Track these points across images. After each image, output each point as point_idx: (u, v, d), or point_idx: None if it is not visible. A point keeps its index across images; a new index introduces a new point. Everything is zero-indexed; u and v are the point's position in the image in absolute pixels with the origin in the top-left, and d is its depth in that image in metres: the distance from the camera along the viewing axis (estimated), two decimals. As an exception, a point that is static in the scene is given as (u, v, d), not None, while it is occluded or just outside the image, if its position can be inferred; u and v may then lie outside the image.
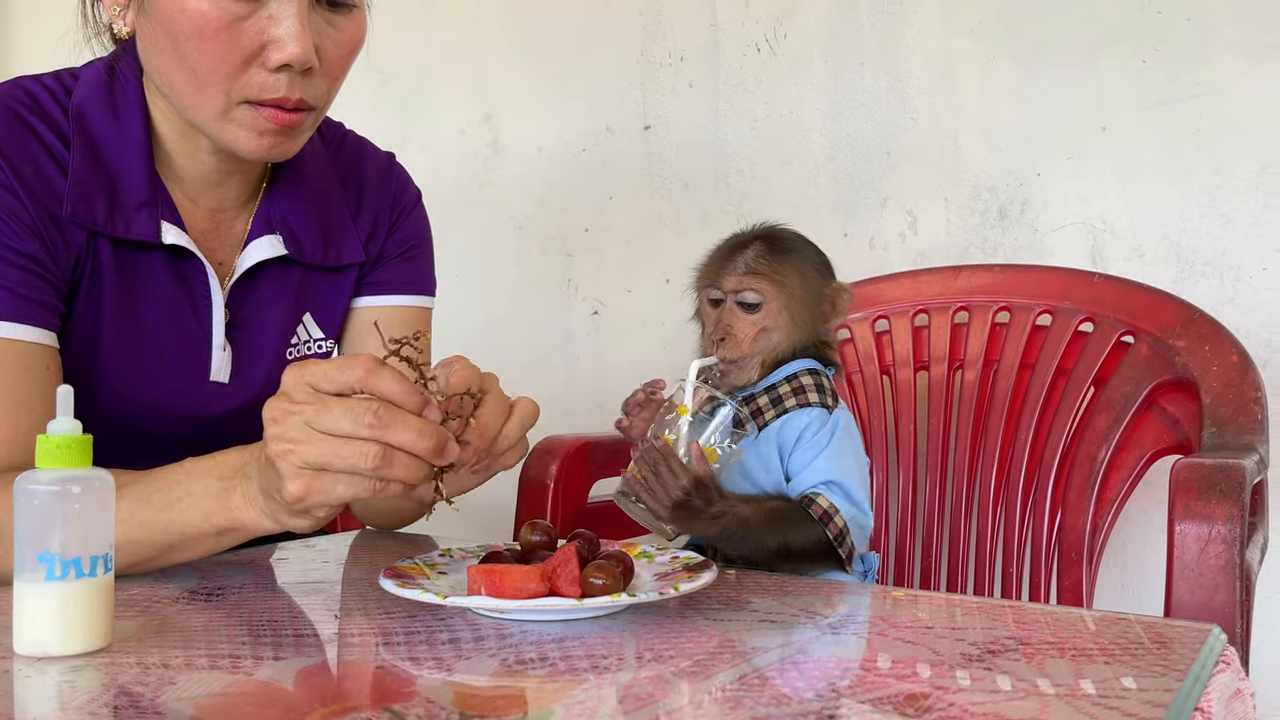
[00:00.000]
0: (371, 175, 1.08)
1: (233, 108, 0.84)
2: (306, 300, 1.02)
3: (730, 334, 0.99)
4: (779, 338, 1.00)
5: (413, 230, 1.11)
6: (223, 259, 0.97)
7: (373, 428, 0.64)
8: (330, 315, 1.04)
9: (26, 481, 0.61)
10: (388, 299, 1.08)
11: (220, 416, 0.98)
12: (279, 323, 1.00)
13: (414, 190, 1.13)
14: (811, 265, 1.03)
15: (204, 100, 0.84)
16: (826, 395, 1.00)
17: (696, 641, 0.66)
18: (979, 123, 1.50)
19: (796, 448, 0.97)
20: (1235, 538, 0.85)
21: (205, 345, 0.95)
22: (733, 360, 0.99)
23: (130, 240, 0.90)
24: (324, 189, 1.03)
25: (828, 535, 0.93)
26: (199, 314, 0.95)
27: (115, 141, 0.90)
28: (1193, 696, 0.56)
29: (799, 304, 1.00)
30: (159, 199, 0.91)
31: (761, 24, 1.65)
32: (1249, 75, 1.33)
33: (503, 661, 0.62)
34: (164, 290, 0.93)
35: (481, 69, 1.92)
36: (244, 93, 0.83)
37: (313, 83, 0.85)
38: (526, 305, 1.88)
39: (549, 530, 0.81)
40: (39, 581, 0.61)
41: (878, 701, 0.54)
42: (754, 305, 0.99)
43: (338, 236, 1.03)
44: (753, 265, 1.00)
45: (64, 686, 0.57)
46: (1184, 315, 1.21)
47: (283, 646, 0.65)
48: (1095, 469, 1.22)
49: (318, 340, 1.04)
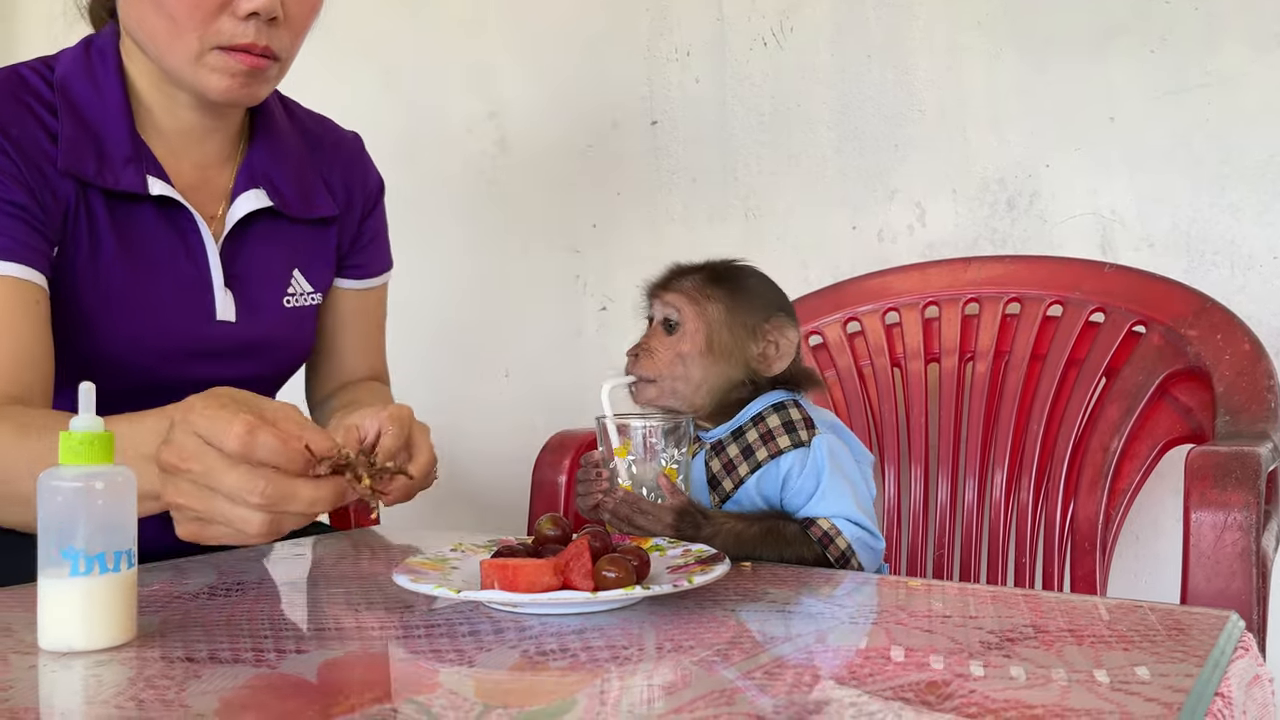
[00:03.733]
0: (342, 148, 1.19)
1: (205, 53, 0.94)
2: (294, 255, 1.11)
3: (646, 350, 0.97)
4: (696, 369, 0.96)
5: (381, 216, 1.24)
6: (212, 213, 1.05)
7: (260, 505, 0.65)
8: (316, 270, 1.13)
9: (50, 478, 0.61)
10: (365, 282, 1.22)
11: (233, 353, 1.05)
12: (273, 272, 1.09)
13: (380, 176, 1.25)
14: (749, 297, 0.98)
15: (180, 45, 0.94)
16: (799, 430, 0.94)
17: (716, 632, 0.66)
18: (987, 114, 1.49)
19: (784, 494, 0.94)
20: (1251, 525, 0.85)
21: (206, 287, 1.03)
22: (647, 379, 0.96)
23: (120, 192, 0.97)
24: (296, 151, 1.12)
25: (828, 557, 0.91)
26: (195, 260, 1.02)
27: (97, 107, 0.99)
28: (1213, 682, 0.56)
29: (719, 333, 0.96)
30: (142, 155, 0.99)
31: (768, 18, 1.65)
32: (1257, 64, 1.33)
33: (523, 653, 0.62)
34: (160, 239, 1.01)
35: (487, 66, 1.92)
36: (216, 38, 0.93)
37: (278, 33, 0.96)
38: (535, 301, 1.88)
39: (565, 524, 0.81)
40: (63, 577, 0.61)
41: (898, 689, 0.54)
42: (673, 325, 0.97)
43: (312, 192, 1.12)
44: (679, 286, 0.98)
45: (89, 681, 0.57)
46: (1195, 304, 1.21)
47: (304, 640, 0.65)
48: (1108, 459, 1.22)
49: (308, 293, 1.13)
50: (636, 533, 0.87)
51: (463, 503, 1.98)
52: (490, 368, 1.93)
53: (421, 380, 2.02)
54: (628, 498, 0.89)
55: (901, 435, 1.38)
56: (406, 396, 2.04)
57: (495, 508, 1.93)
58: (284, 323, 1.10)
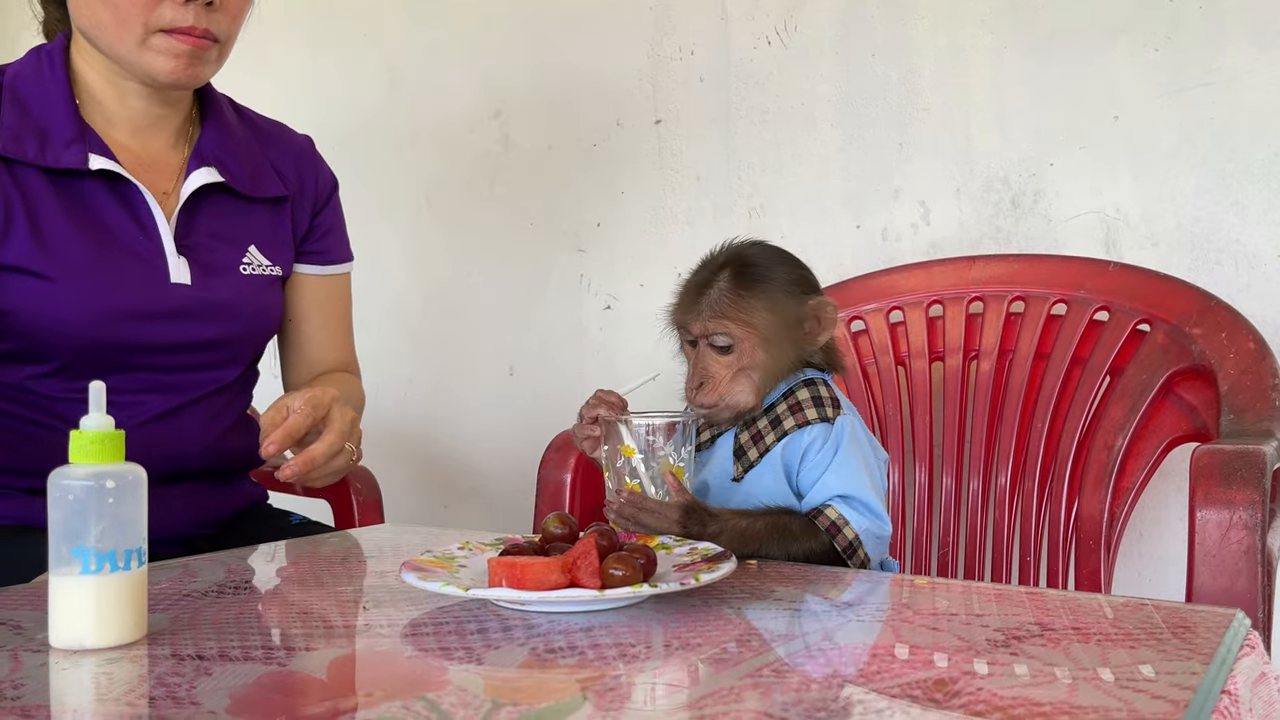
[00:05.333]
0: (292, 145, 1.26)
1: (150, 36, 1.03)
2: (248, 231, 1.18)
3: (708, 378, 0.96)
4: (760, 376, 0.97)
5: (336, 210, 1.30)
6: (166, 189, 1.13)
7: None
8: (272, 247, 1.20)
9: (61, 477, 0.62)
10: (326, 269, 1.28)
11: (192, 314, 1.10)
12: (227, 244, 1.15)
13: (333, 174, 1.31)
14: (783, 290, 0.98)
15: (125, 32, 1.03)
16: (826, 406, 0.96)
17: (723, 630, 0.66)
18: (990, 113, 1.50)
19: (802, 468, 0.95)
20: (1256, 523, 0.85)
21: (158, 253, 1.09)
22: (712, 406, 0.97)
23: (64, 170, 1.04)
24: (245, 139, 1.20)
25: (835, 547, 0.91)
26: (145, 229, 1.09)
27: (42, 100, 1.07)
28: (1219, 679, 0.56)
29: (773, 338, 0.96)
30: (87, 136, 1.06)
31: (771, 16, 1.65)
32: (1261, 63, 1.33)
33: (531, 651, 0.62)
34: (110, 211, 1.07)
35: (491, 66, 1.92)
36: (158, 22, 1.03)
37: (216, 17, 1.05)
38: (539, 300, 1.88)
39: (572, 523, 0.81)
40: (74, 575, 0.61)
41: (906, 686, 0.55)
42: (726, 348, 0.96)
43: (262, 174, 1.19)
44: (717, 307, 0.96)
45: (100, 678, 0.57)
46: (1200, 303, 1.21)
47: (313, 638, 0.65)
48: (1112, 458, 1.22)
49: (266, 266, 1.19)
50: (643, 531, 0.88)
51: (467, 500, 1.98)
52: (494, 366, 1.93)
53: (425, 378, 2.03)
54: (633, 497, 0.89)
55: (906, 434, 1.38)
56: (409, 394, 2.05)
57: (499, 505, 1.93)
58: (244, 288, 1.15)
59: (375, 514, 1.35)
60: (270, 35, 2.16)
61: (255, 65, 2.18)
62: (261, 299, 1.18)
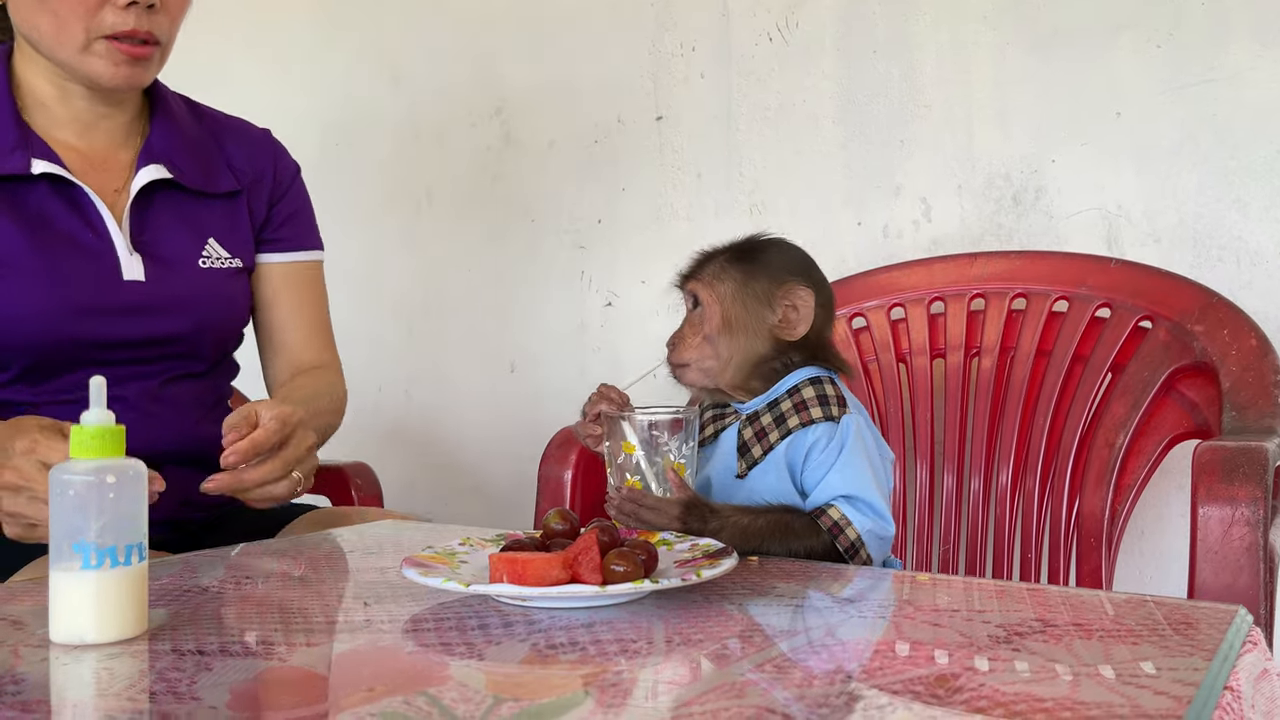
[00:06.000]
0: (247, 137, 1.25)
1: (92, 42, 1.03)
2: (205, 226, 1.17)
3: (679, 336, 1.00)
4: (723, 347, 0.98)
5: (297, 196, 1.28)
6: (116, 187, 1.12)
7: None
8: (231, 239, 1.19)
9: (61, 472, 0.62)
10: (287, 255, 1.25)
11: (147, 310, 1.09)
12: (183, 239, 1.15)
13: (294, 163, 1.29)
14: (763, 270, 0.99)
15: (67, 38, 1.03)
16: (831, 405, 0.96)
17: (725, 626, 0.66)
18: (992, 110, 1.49)
19: (806, 466, 0.95)
20: (1259, 520, 0.85)
21: (109, 251, 1.08)
22: (680, 364, 1.00)
23: (7, 176, 1.04)
24: (195, 138, 1.20)
25: (837, 547, 0.91)
26: (96, 229, 1.08)
27: None
28: (1222, 675, 0.56)
29: (732, 308, 0.98)
30: (29, 141, 1.07)
31: (773, 13, 1.65)
32: (1263, 59, 1.33)
33: (533, 646, 0.62)
34: (57, 213, 1.07)
35: (492, 62, 1.92)
36: (100, 28, 1.03)
37: (156, 19, 1.05)
38: (540, 297, 1.88)
39: (573, 519, 0.81)
40: (74, 570, 0.61)
41: (908, 682, 0.54)
42: (695, 308, 1.00)
43: (212, 170, 1.19)
44: (694, 272, 1.01)
45: (101, 674, 0.57)
46: (1202, 300, 1.21)
47: (315, 633, 0.65)
48: (1113, 455, 1.22)
49: (226, 258, 1.17)
50: (644, 528, 0.88)
51: (468, 496, 1.98)
52: (495, 363, 1.93)
53: (426, 375, 2.02)
54: (633, 493, 0.89)
55: (907, 431, 1.38)
56: (411, 392, 2.04)
57: (500, 502, 1.93)
58: (202, 281, 1.14)
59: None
60: (271, 34, 2.16)
61: (257, 64, 2.18)
62: (222, 290, 1.17)
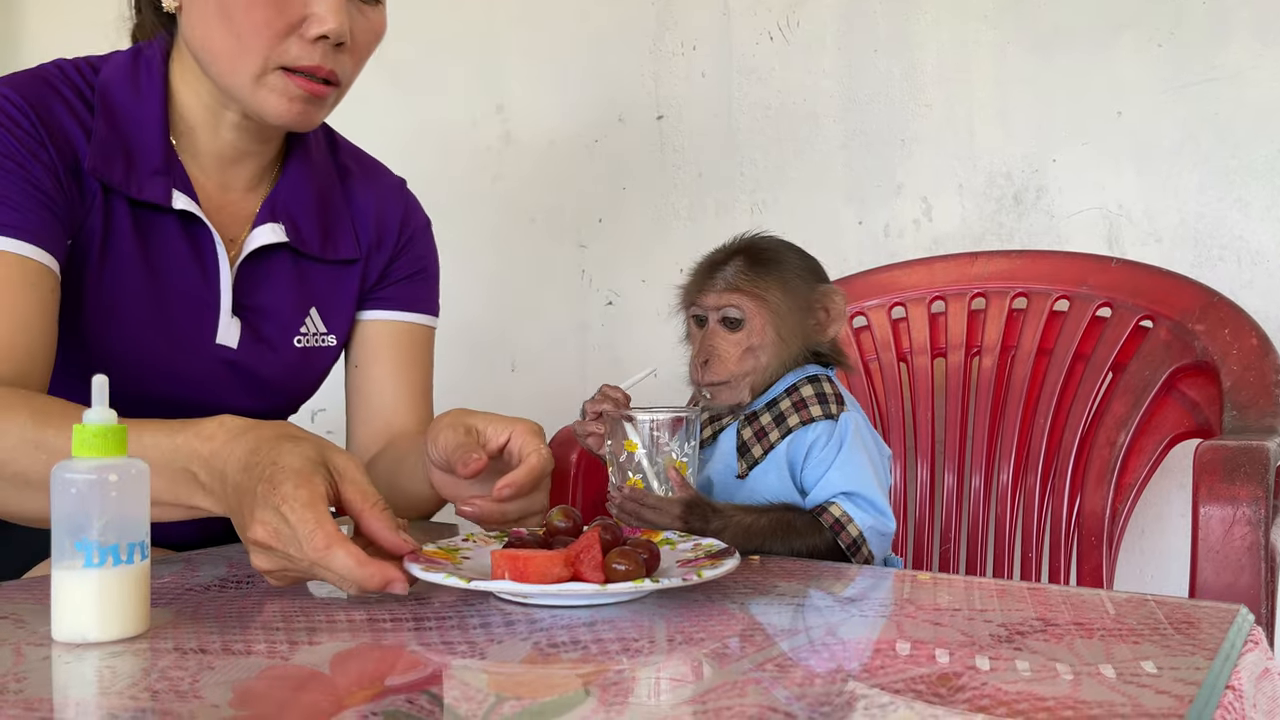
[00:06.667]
0: (379, 186, 1.15)
1: (268, 73, 0.93)
2: (311, 294, 1.08)
3: (715, 355, 0.96)
4: (767, 357, 0.96)
5: (421, 253, 1.17)
6: (232, 235, 1.03)
7: None
8: (333, 311, 1.10)
9: (64, 470, 0.62)
10: (395, 314, 1.14)
11: (228, 381, 1.02)
12: (287, 309, 1.06)
13: (424, 217, 1.19)
14: (796, 274, 0.98)
15: (243, 64, 0.93)
16: (830, 403, 0.96)
17: (726, 625, 0.66)
18: (993, 109, 1.49)
19: (806, 464, 0.95)
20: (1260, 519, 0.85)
21: (213, 305, 1.01)
22: (719, 383, 0.96)
23: (144, 202, 0.97)
24: (326, 186, 1.10)
25: (839, 544, 0.92)
26: (208, 276, 1.01)
27: (135, 115, 0.98)
28: (1223, 675, 0.56)
29: (785, 319, 0.96)
30: (173, 169, 0.98)
31: (774, 12, 1.65)
32: (1265, 58, 1.33)
33: (535, 645, 0.62)
34: (178, 253, 1.00)
35: (493, 60, 1.92)
36: (281, 59, 0.92)
37: (342, 58, 0.95)
38: (541, 296, 1.88)
39: (576, 517, 0.81)
40: (77, 569, 0.61)
41: (910, 681, 0.54)
42: (736, 322, 0.96)
43: (335, 231, 1.09)
44: (732, 281, 0.96)
45: (104, 672, 0.57)
46: (1203, 299, 1.21)
47: (316, 632, 0.65)
48: (1114, 454, 1.22)
49: (322, 334, 1.09)
50: (645, 527, 0.88)
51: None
52: (496, 362, 1.93)
53: (427, 374, 2.02)
54: (635, 493, 0.89)
55: (908, 430, 1.38)
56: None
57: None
58: (293, 363, 1.07)
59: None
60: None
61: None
62: (309, 371, 1.09)
